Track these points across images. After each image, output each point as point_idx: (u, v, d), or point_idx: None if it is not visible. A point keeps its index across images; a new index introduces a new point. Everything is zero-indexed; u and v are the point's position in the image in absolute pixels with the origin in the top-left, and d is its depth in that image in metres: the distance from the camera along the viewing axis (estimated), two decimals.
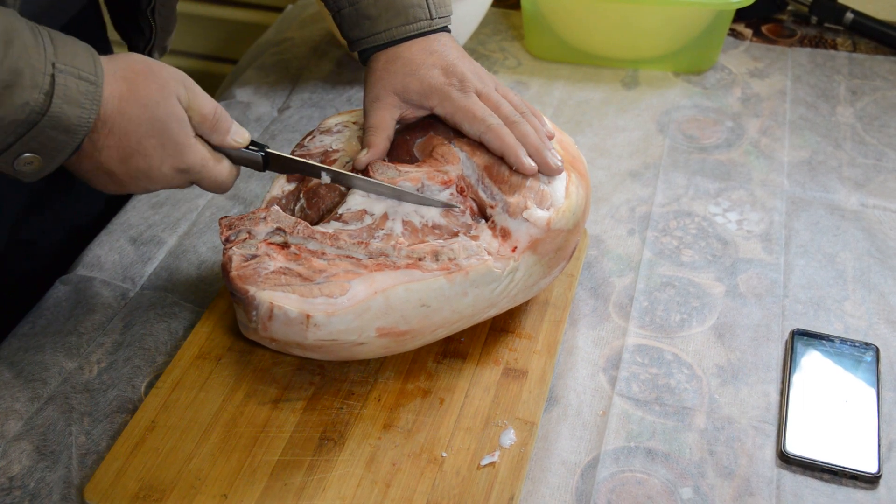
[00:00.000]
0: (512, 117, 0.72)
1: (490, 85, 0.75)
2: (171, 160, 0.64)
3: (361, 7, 0.76)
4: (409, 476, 0.66)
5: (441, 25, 0.77)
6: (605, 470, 0.68)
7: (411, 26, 0.75)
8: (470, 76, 0.74)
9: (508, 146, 0.70)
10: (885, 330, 0.79)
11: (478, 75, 0.75)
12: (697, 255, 0.87)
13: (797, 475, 0.68)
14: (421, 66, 0.74)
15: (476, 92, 0.73)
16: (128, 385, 0.75)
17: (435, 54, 0.75)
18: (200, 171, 0.66)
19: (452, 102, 0.73)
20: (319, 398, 0.71)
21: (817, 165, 0.98)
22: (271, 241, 0.68)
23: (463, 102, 0.73)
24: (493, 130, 0.71)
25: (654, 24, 1.09)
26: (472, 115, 0.72)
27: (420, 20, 0.75)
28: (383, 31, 0.76)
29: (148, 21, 0.86)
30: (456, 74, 0.74)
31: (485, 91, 0.74)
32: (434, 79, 0.73)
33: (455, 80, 0.73)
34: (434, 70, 0.74)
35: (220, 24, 1.73)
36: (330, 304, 0.64)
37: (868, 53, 1.16)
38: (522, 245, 0.69)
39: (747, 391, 0.74)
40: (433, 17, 0.76)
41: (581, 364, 0.76)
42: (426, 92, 0.73)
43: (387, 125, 0.74)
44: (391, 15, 0.75)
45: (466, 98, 0.73)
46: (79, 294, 0.82)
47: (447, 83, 0.73)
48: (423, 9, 0.75)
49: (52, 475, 0.68)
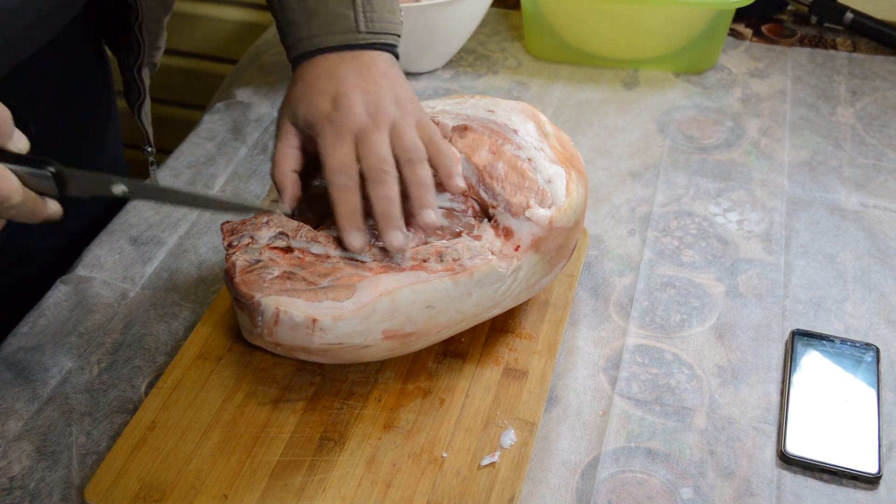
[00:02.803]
0: (372, 173, 0.65)
1: (383, 120, 0.67)
2: None
3: (289, 12, 0.72)
4: (409, 476, 0.66)
5: (373, 42, 0.71)
6: (605, 470, 0.68)
7: (333, 37, 0.70)
8: (355, 111, 0.66)
9: (339, 214, 0.65)
10: (886, 330, 0.79)
11: (373, 108, 0.67)
12: (698, 255, 0.87)
13: (797, 475, 0.68)
14: (313, 91, 0.68)
15: (356, 132, 0.66)
16: (128, 385, 0.75)
17: (334, 79, 0.68)
18: None
19: (322, 139, 0.67)
20: (320, 398, 0.71)
21: (817, 165, 0.98)
22: (274, 246, 0.68)
23: (326, 144, 0.66)
24: (334, 190, 0.65)
25: (654, 24, 1.09)
26: (327, 163, 0.66)
27: (344, 32, 0.70)
28: (306, 39, 0.71)
29: (136, 37, 0.84)
30: (341, 108, 0.66)
31: (365, 134, 0.66)
32: (318, 109, 0.67)
33: (337, 114, 0.66)
34: (323, 98, 0.68)
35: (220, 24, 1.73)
36: (336, 308, 0.63)
37: (868, 53, 1.16)
38: (525, 244, 0.69)
39: (747, 391, 0.74)
40: (360, 31, 0.71)
41: (581, 364, 0.76)
42: (309, 121, 0.68)
43: (288, 158, 0.69)
44: (315, 23, 0.71)
45: (335, 140, 0.66)
46: (79, 294, 0.82)
47: (327, 116, 0.67)
48: (349, 20, 0.70)
49: (52, 475, 0.68)
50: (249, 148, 1.03)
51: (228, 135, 1.04)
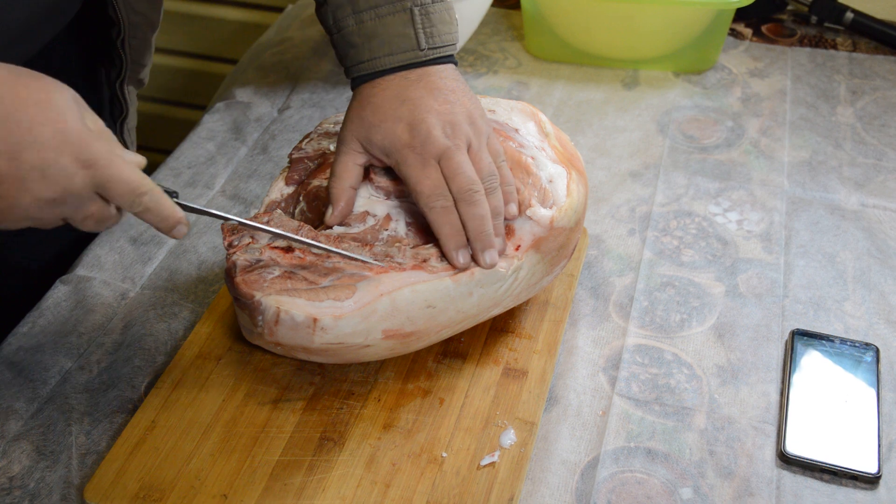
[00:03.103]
0: (463, 194, 0.66)
1: (462, 142, 0.67)
2: (70, 148, 0.53)
3: (346, 34, 0.71)
4: (409, 476, 0.66)
5: (434, 57, 0.70)
6: (605, 470, 0.68)
7: (395, 57, 0.69)
8: (435, 135, 0.67)
9: (444, 236, 0.66)
10: (885, 330, 0.79)
11: (450, 128, 0.68)
12: (697, 254, 0.87)
13: (797, 475, 0.68)
14: (388, 117, 0.68)
15: (439, 155, 0.67)
16: (128, 385, 0.75)
17: (407, 103, 0.68)
18: (108, 167, 0.55)
19: (408, 168, 0.67)
20: (319, 398, 0.71)
21: (817, 165, 0.98)
22: (275, 246, 0.68)
23: (415, 172, 0.67)
24: (434, 213, 0.66)
25: (654, 24, 1.09)
26: (420, 190, 0.66)
27: (406, 51, 0.69)
28: (367, 61, 0.70)
29: (119, 53, 0.82)
30: (420, 134, 0.67)
31: (447, 154, 0.67)
32: (396, 137, 0.67)
33: (418, 141, 0.66)
34: (399, 125, 0.67)
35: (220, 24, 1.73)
36: (337, 308, 0.63)
37: (868, 53, 1.16)
38: (526, 244, 0.69)
39: (747, 391, 0.74)
40: (422, 48, 0.70)
41: (581, 364, 0.76)
42: (387, 149, 0.68)
43: (350, 174, 0.70)
44: (376, 44, 0.70)
45: (422, 167, 0.66)
46: (79, 294, 0.82)
47: (408, 144, 0.67)
48: (410, 39, 0.69)
49: (52, 475, 0.68)
50: (249, 148, 1.03)
51: (228, 135, 1.05)
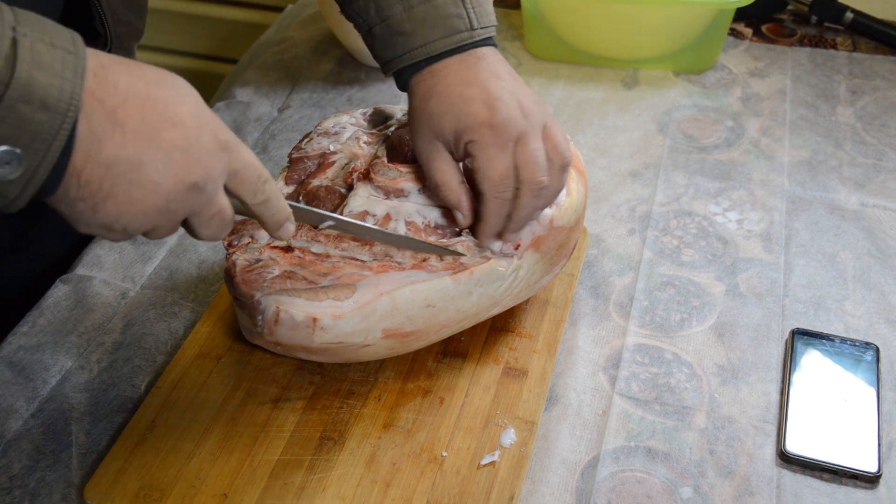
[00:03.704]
0: (532, 186, 0.65)
1: (537, 122, 0.66)
2: (208, 129, 0.50)
3: (394, 22, 0.68)
4: (409, 475, 0.66)
5: (483, 37, 0.68)
6: (605, 469, 0.68)
7: (450, 39, 0.67)
8: (515, 115, 0.64)
9: (491, 224, 0.66)
10: (885, 329, 0.79)
11: (524, 111, 0.65)
12: (697, 254, 0.87)
13: (797, 475, 0.68)
14: (457, 100, 0.65)
15: (517, 137, 0.64)
16: (128, 384, 0.75)
17: (475, 85, 0.65)
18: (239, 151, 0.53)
19: (484, 148, 0.64)
20: (319, 398, 0.71)
21: (817, 165, 0.98)
22: (274, 245, 0.68)
23: (490, 154, 0.64)
24: (496, 203, 0.65)
25: (654, 23, 1.09)
26: (490, 176, 0.64)
27: (460, 31, 0.67)
28: (420, 47, 0.67)
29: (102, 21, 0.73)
30: (500, 112, 0.64)
31: (525, 138, 0.64)
32: (472, 116, 0.64)
33: (498, 119, 0.64)
34: (474, 104, 0.64)
35: (220, 24, 1.73)
36: (336, 307, 0.63)
37: (868, 53, 1.16)
38: (525, 243, 0.69)
39: (747, 391, 0.74)
40: (474, 28, 0.68)
41: (581, 363, 0.76)
42: (460, 131, 0.65)
43: (453, 173, 0.67)
44: (428, 28, 0.67)
45: (499, 150, 0.64)
46: (79, 293, 0.82)
47: (487, 122, 0.64)
48: (462, 19, 0.67)
49: (52, 475, 0.68)
50: (249, 147, 1.03)
51: None
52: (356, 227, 0.66)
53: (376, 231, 0.66)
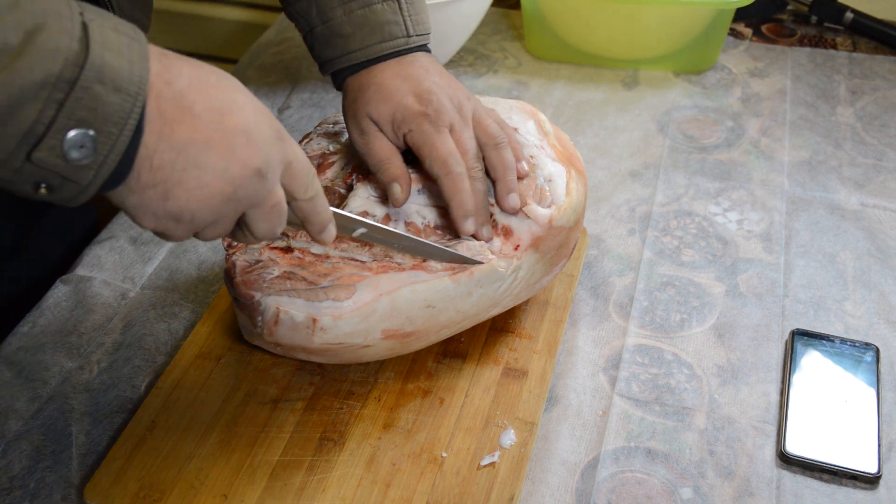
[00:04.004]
0: (474, 170, 0.68)
1: (468, 113, 0.70)
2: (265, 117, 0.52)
3: (334, 25, 0.71)
4: (409, 476, 0.66)
5: (418, 44, 0.72)
6: (605, 470, 0.68)
7: (387, 44, 0.71)
8: (446, 106, 0.69)
9: (456, 203, 0.67)
10: (885, 330, 0.79)
11: (455, 103, 0.70)
12: (698, 254, 0.87)
13: (797, 475, 0.68)
14: (395, 92, 0.69)
15: (450, 126, 0.69)
16: (128, 385, 0.75)
17: (409, 80, 0.70)
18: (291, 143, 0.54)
19: (423, 135, 0.68)
20: (319, 398, 0.71)
21: (817, 165, 0.98)
22: (274, 246, 0.68)
23: (432, 138, 0.68)
24: (449, 178, 0.67)
25: (654, 24, 1.09)
26: (437, 156, 0.67)
27: (396, 38, 0.71)
28: (357, 50, 0.71)
29: None
30: (431, 103, 0.68)
31: (458, 127, 0.69)
32: (407, 107, 0.68)
33: (431, 109, 0.68)
34: (408, 97, 0.69)
35: (220, 24, 1.73)
36: (336, 308, 0.63)
37: (868, 53, 1.16)
38: (525, 243, 0.69)
39: (747, 391, 0.74)
40: (410, 35, 0.72)
41: (581, 364, 0.76)
42: (399, 120, 0.69)
43: (394, 151, 0.70)
44: (366, 32, 0.71)
45: (437, 134, 0.68)
46: (79, 294, 0.82)
47: (421, 112, 0.68)
48: (399, 26, 0.71)
49: (52, 475, 0.68)
50: None
51: None
52: (390, 235, 0.65)
53: (411, 240, 0.66)
